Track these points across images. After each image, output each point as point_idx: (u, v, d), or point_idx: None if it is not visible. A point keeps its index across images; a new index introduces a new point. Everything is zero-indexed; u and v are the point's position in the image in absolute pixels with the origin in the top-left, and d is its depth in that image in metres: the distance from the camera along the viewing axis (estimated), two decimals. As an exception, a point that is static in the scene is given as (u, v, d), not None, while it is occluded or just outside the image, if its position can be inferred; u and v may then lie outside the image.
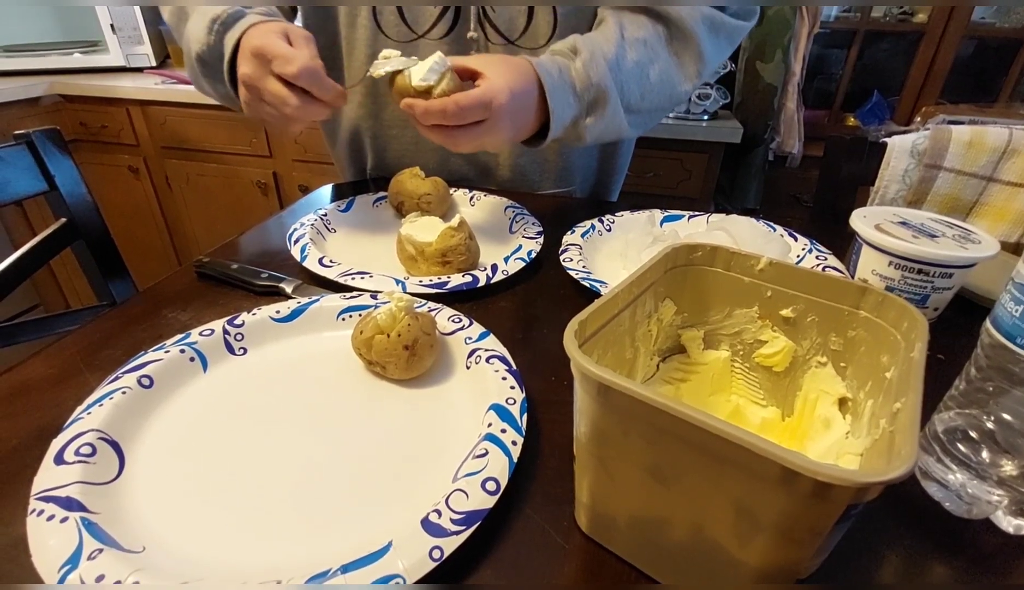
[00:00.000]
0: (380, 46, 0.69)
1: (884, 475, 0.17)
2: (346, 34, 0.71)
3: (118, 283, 0.72)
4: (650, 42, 0.62)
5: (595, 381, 0.22)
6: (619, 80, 0.60)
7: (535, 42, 0.68)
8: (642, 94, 0.63)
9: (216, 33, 0.55)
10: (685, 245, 0.35)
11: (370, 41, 0.69)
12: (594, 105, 0.60)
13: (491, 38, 0.68)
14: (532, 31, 0.68)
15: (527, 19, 0.67)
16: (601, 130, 0.62)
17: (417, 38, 0.69)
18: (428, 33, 0.68)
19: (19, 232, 1.60)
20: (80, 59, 1.73)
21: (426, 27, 0.68)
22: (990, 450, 0.30)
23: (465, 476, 0.29)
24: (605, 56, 0.59)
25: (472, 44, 0.68)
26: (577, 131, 0.61)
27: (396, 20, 0.67)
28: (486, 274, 0.52)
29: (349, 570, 0.24)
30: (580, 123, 0.60)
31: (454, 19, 0.67)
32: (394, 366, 0.38)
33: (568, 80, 0.57)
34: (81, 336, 0.44)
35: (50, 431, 0.32)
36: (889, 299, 0.29)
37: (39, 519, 0.26)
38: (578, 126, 0.60)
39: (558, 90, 0.56)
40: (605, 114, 0.60)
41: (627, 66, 0.60)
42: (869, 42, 1.78)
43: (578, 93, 0.58)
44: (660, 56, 0.63)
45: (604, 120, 0.61)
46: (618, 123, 0.63)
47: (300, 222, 0.60)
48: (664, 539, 0.25)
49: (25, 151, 0.65)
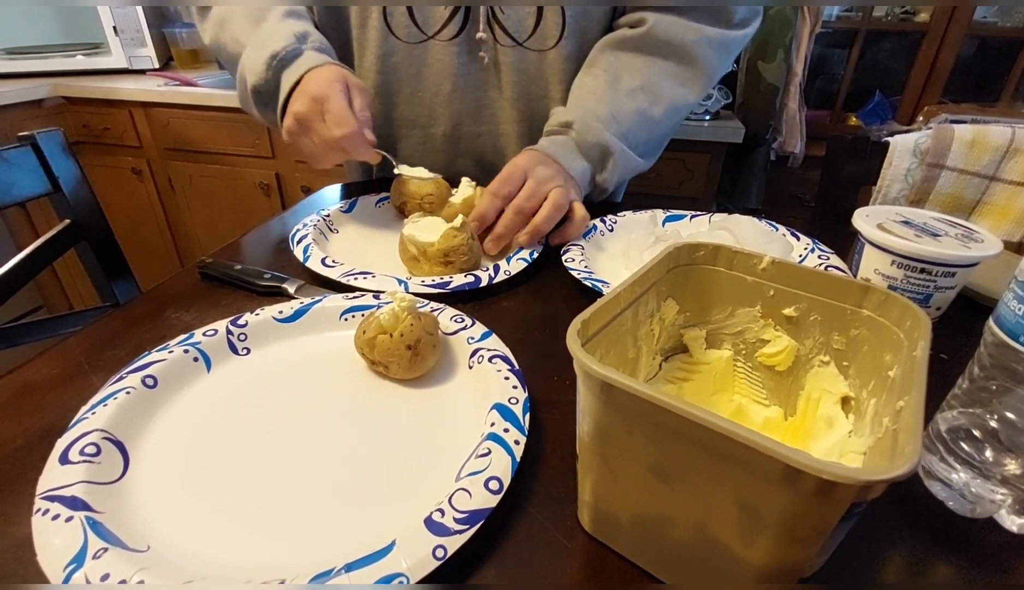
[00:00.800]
0: (390, 47, 0.69)
1: (888, 473, 0.17)
2: (357, 35, 0.71)
3: (121, 284, 0.73)
4: (648, 86, 0.66)
5: (598, 379, 0.22)
6: (620, 132, 0.64)
7: (543, 44, 0.69)
8: (649, 134, 0.67)
9: (274, 70, 0.58)
10: (688, 244, 0.35)
11: (381, 41, 0.69)
12: (603, 160, 0.65)
13: (500, 40, 0.69)
14: (540, 32, 0.68)
15: (536, 20, 0.67)
16: (619, 177, 0.67)
17: (427, 39, 0.69)
18: (438, 34, 0.68)
19: (22, 233, 1.61)
20: (83, 61, 1.74)
21: (436, 28, 0.68)
22: (993, 449, 0.30)
23: (468, 475, 0.29)
24: (598, 117, 0.63)
25: (481, 45, 0.69)
26: (597, 185, 0.67)
27: (406, 21, 0.68)
28: (488, 274, 0.52)
29: (353, 569, 0.24)
30: (597, 178, 0.66)
31: (463, 21, 0.67)
32: (397, 366, 0.38)
33: (571, 147, 0.63)
34: (85, 337, 0.44)
35: (54, 431, 0.32)
36: (892, 298, 0.29)
37: (44, 518, 0.26)
38: (596, 181, 0.66)
39: (563, 154, 0.62)
40: (616, 164, 0.65)
41: (626, 116, 0.65)
42: (871, 42, 1.78)
43: (584, 154, 0.63)
44: (662, 93, 0.66)
45: (618, 168, 0.65)
46: (633, 165, 0.68)
47: (303, 222, 0.60)
48: (667, 538, 0.25)
49: (29, 152, 0.65)
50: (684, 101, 0.68)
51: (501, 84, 0.72)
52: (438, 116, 0.74)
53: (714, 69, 0.68)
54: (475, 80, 0.71)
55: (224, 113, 1.57)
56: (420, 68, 0.71)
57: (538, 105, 0.72)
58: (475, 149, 0.77)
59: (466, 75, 0.71)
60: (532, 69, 0.70)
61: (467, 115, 0.74)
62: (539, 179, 0.58)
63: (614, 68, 0.65)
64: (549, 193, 0.58)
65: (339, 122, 0.54)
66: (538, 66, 0.70)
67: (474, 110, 0.74)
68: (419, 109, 0.74)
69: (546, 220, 0.57)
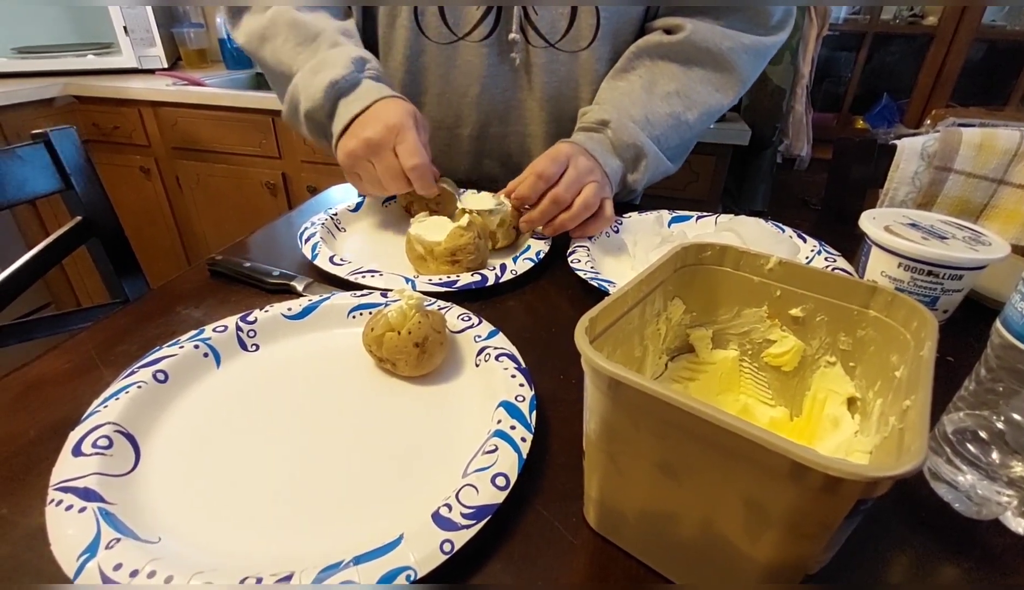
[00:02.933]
0: (420, 47, 0.68)
1: (894, 470, 0.18)
2: (384, 33, 0.70)
3: (131, 281, 0.73)
4: (683, 91, 0.66)
5: (606, 376, 0.22)
6: (654, 135, 0.65)
7: (576, 45, 0.68)
8: (681, 138, 0.68)
9: (331, 98, 0.59)
10: (695, 244, 0.35)
11: (410, 42, 0.69)
12: (635, 161, 0.65)
13: (532, 41, 0.68)
14: (574, 33, 0.67)
15: (569, 21, 0.67)
16: (649, 179, 0.67)
17: (457, 40, 0.68)
18: (469, 35, 0.68)
19: (32, 230, 1.62)
20: (93, 61, 1.76)
21: (467, 29, 0.67)
22: (1000, 451, 0.30)
23: (475, 471, 0.30)
24: (633, 118, 0.63)
25: (513, 46, 0.68)
26: (627, 185, 0.66)
27: (437, 21, 0.67)
28: (495, 273, 0.52)
29: (361, 562, 0.25)
30: (627, 178, 0.66)
31: (495, 21, 0.67)
32: (404, 363, 0.38)
33: (606, 145, 0.63)
34: (96, 332, 0.45)
35: (67, 424, 0.32)
36: (899, 299, 0.29)
37: (58, 509, 0.27)
38: (626, 182, 0.66)
39: (600, 150, 0.62)
40: (648, 166, 0.65)
41: (660, 119, 0.65)
42: (878, 45, 1.77)
43: (618, 153, 0.63)
44: (697, 99, 0.67)
45: (648, 171, 0.66)
46: (664, 168, 0.69)
47: (311, 221, 0.60)
48: (673, 535, 0.25)
49: (42, 150, 0.66)
50: (718, 106, 0.68)
51: (531, 85, 0.71)
52: (465, 117, 0.73)
53: (748, 75, 0.68)
54: (504, 81, 0.71)
55: (231, 113, 1.58)
56: (449, 69, 0.70)
57: (567, 106, 0.72)
58: (501, 150, 0.77)
59: (495, 76, 0.70)
60: (563, 70, 0.69)
61: (495, 116, 0.74)
62: (580, 170, 0.58)
63: (650, 73, 0.66)
64: (584, 187, 0.58)
65: (412, 153, 0.55)
66: (569, 67, 0.69)
67: (502, 111, 0.73)
68: (446, 110, 0.73)
69: (572, 218, 0.58)
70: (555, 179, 0.58)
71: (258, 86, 1.95)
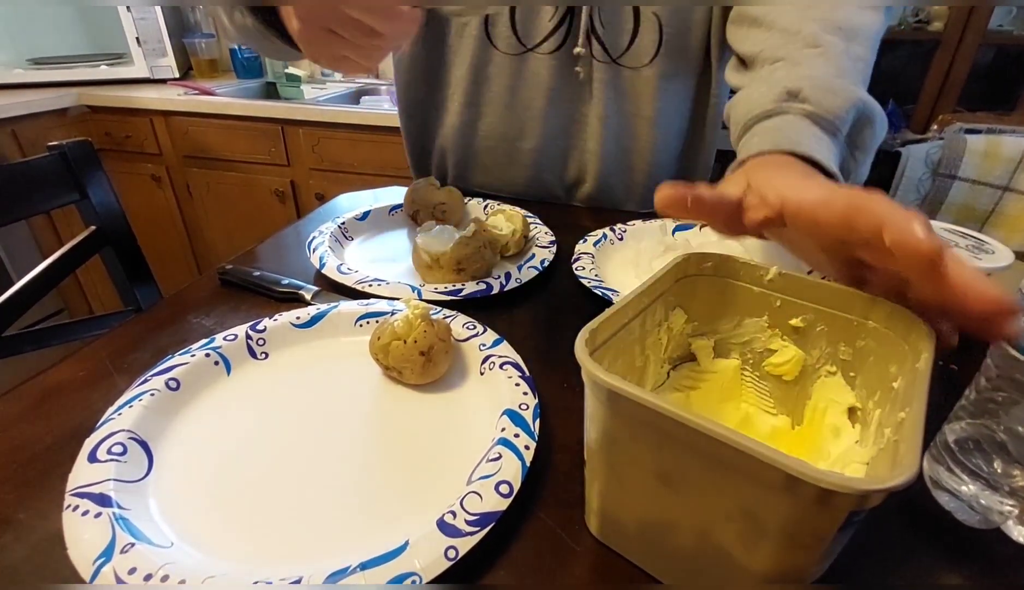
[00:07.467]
0: (487, 57, 0.68)
1: (885, 483, 0.18)
2: (452, 41, 0.69)
3: (143, 289, 0.75)
4: (843, 27, 0.49)
5: (605, 388, 0.23)
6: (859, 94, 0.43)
7: (638, 61, 0.67)
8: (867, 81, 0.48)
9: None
10: (696, 255, 0.36)
11: (478, 51, 0.68)
12: (857, 135, 0.44)
13: (596, 55, 0.67)
14: (635, 49, 0.66)
15: (631, 37, 0.66)
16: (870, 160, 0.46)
17: (526, 51, 0.67)
18: (538, 47, 0.67)
19: (46, 237, 1.65)
20: (106, 71, 1.79)
21: (537, 40, 0.67)
22: (1002, 460, 0.30)
23: (479, 479, 0.30)
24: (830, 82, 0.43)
25: (577, 60, 0.67)
26: (850, 176, 0.44)
27: (508, 31, 0.66)
28: (500, 282, 0.53)
29: (368, 567, 0.25)
30: (846, 167, 0.44)
31: (566, 34, 0.66)
32: (410, 371, 0.39)
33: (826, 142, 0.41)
34: (110, 340, 0.46)
35: (82, 431, 0.33)
36: (898, 310, 0.30)
37: (74, 514, 0.28)
38: (846, 171, 0.44)
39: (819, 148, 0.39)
40: (875, 133, 0.44)
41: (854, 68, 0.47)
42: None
43: (833, 134, 0.41)
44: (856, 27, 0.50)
45: (874, 142, 0.45)
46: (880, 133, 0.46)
47: (319, 230, 0.61)
48: (671, 543, 0.26)
49: (59, 162, 0.68)
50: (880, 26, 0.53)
51: (593, 100, 0.70)
52: (529, 130, 0.73)
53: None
54: (569, 95, 0.70)
55: (241, 121, 1.61)
56: (515, 80, 0.69)
57: (626, 123, 0.71)
58: (559, 166, 0.76)
59: (561, 89, 0.70)
60: (625, 86, 0.69)
61: (559, 131, 0.73)
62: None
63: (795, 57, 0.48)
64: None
65: None
66: (631, 83, 0.69)
67: (566, 125, 0.73)
68: (510, 122, 0.73)
69: None
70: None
71: (268, 95, 1.98)
